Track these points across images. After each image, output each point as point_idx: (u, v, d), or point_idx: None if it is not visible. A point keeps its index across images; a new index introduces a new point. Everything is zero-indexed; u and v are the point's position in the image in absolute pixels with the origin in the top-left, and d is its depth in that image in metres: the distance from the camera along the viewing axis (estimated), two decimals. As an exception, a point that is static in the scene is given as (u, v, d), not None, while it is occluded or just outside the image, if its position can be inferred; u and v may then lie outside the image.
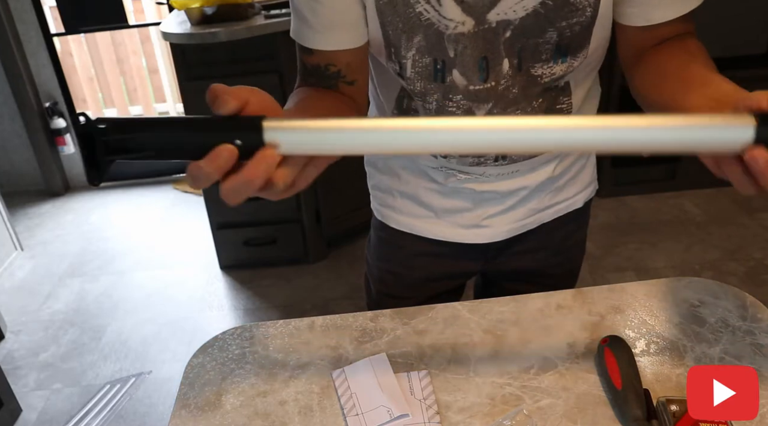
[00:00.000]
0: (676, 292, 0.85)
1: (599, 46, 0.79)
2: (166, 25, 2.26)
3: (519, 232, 0.97)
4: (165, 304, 2.49)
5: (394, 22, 0.75)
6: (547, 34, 0.74)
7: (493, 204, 0.93)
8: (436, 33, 0.74)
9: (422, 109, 0.83)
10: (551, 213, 0.97)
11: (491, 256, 1.01)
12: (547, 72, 0.77)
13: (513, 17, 0.72)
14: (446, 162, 0.89)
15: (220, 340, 0.83)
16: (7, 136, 3.27)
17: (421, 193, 0.96)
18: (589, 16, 0.73)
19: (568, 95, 0.83)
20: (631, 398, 0.66)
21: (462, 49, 0.74)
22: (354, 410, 0.70)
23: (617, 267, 2.49)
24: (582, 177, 0.98)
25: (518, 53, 0.75)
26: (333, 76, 0.79)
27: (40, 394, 2.08)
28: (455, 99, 0.79)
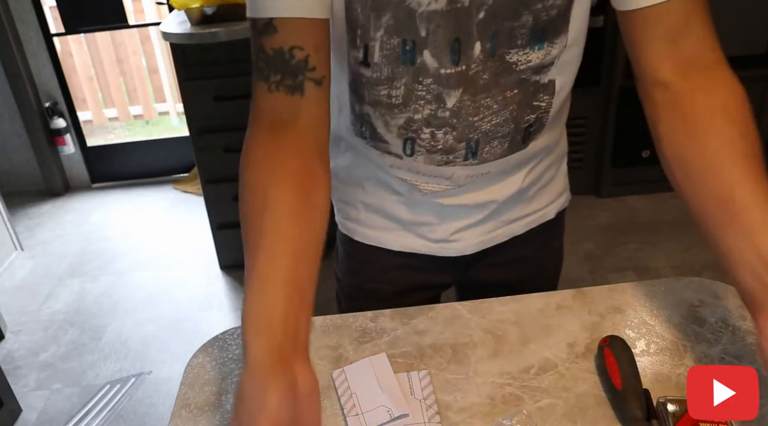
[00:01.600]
0: (676, 292, 0.85)
1: (577, 37, 0.76)
2: (166, 25, 2.26)
3: (490, 244, 0.93)
4: (165, 304, 2.49)
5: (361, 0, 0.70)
6: (523, 17, 0.70)
7: (460, 218, 0.90)
8: (407, 11, 0.69)
9: (386, 98, 0.77)
10: (522, 225, 0.94)
11: (463, 268, 0.97)
12: (523, 59, 0.73)
13: None
14: (413, 161, 0.83)
15: (220, 340, 0.83)
16: (7, 136, 3.27)
17: (387, 206, 0.91)
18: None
19: (551, 94, 0.79)
20: (631, 398, 0.66)
21: (434, 29, 0.70)
22: (354, 410, 0.70)
23: (617, 267, 2.49)
24: (552, 187, 0.95)
25: (492, 37, 0.71)
26: (299, 68, 0.70)
27: (40, 394, 2.08)
28: (425, 82, 0.75)
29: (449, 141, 0.79)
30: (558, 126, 0.89)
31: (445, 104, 0.76)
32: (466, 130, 0.78)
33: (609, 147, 2.81)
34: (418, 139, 0.80)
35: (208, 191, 2.48)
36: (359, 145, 0.88)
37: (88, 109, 3.86)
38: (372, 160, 0.88)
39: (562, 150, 0.95)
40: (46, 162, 3.32)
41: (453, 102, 0.76)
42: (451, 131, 0.78)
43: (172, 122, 4.14)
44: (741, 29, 2.55)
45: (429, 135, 0.79)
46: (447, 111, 0.77)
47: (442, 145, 0.80)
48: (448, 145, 0.80)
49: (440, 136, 0.79)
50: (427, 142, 0.80)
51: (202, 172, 2.44)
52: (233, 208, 2.91)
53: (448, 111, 0.77)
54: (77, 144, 3.38)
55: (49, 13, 3.17)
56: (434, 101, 0.76)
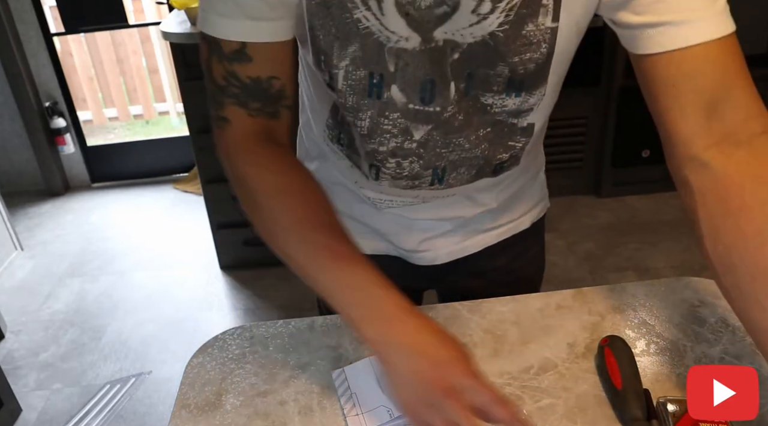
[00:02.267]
0: (676, 292, 0.85)
1: (556, 85, 0.72)
2: (166, 25, 2.26)
3: (461, 255, 0.91)
4: (165, 304, 2.49)
5: (326, 26, 0.65)
6: (498, 68, 0.66)
7: (427, 230, 0.88)
8: (376, 43, 0.65)
9: (354, 125, 0.74)
10: (494, 236, 0.91)
11: (439, 276, 0.94)
12: (498, 103, 0.70)
13: (461, 40, 0.64)
14: (377, 185, 0.81)
15: (220, 340, 0.83)
16: (7, 136, 3.27)
17: (356, 212, 0.89)
18: (545, 52, 0.65)
19: (528, 135, 0.75)
20: (631, 398, 0.66)
21: (403, 66, 0.66)
22: (354, 410, 0.70)
23: (617, 267, 2.49)
24: (527, 199, 0.91)
25: (466, 78, 0.67)
26: (278, 97, 0.69)
27: (40, 394, 2.08)
28: (392, 117, 0.71)
29: (415, 169, 0.77)
30: (535, 151, 0.86)
31: (413, 137, 0.73)
32: (433, 159, 0.76)
33: (609, 147, 2.81)
34: (383, 168, 0.78)
35: (208, 191, 2.48)
36: (329, 154, 0.85)
37: (88, 109, 3.86)
38: (340, 172, 0.86)
39: (538, 165, 0.93)
40: (46, 162, 3.32)
41: (421, 135, 0.73)
42: (417, 160, 0.76)
43: (172, 122, 4.14)
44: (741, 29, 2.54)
45: (394, 164, 0.77)
46: (414, 142, 0.74)
47: (408, 173, 0.77)
48: (414, 173, 0.77)
49: (406, 165, 0.76)
50: (392, 170, 0.77)
51: (202, 172, 2.44)
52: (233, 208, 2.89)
53: (415, 142, 0.74)
54: (77, 144, 3.38)
55: (49, 13, 3.16)
56: (401, 135, 0.73)
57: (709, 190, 0.60)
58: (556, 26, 0.63)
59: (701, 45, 0.58)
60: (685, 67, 0.58)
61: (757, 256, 0.56)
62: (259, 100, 0.69)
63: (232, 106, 0.69)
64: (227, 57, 0.66)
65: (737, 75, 0.59)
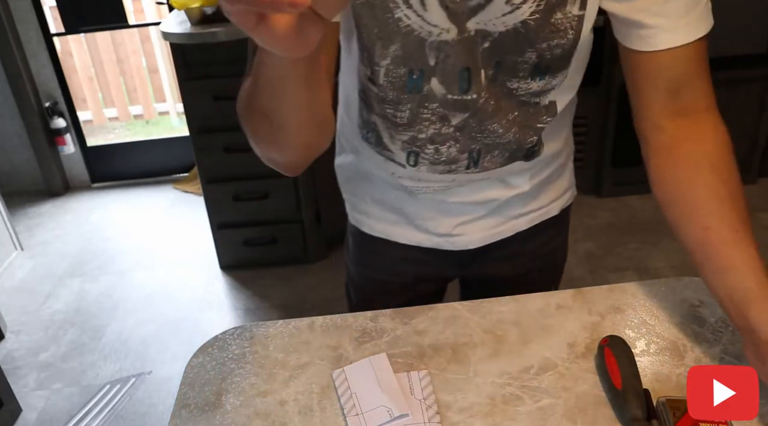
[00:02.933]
0: (676, 292, 0.85)
1: (580, 66, 0.78)
2: (166, 25, 2.26)
3: (493, 239, 0.94)
4: (165, 304, 2.49)
5: (369, 25, 0.69)
6: (526, 55, 0.72)
7: (463, 213, 0.91)
8: (417, 40, 0.69)
9: (391, 116, 0.79)
10: (526, 221, 0.95)
11: (467, 262, 0.98)
12: (523, 87, 0.75)
13: (492, 30, 0.69)
14: (414, 172, 0.85)
15: (220, 340, 0.83)
16: (7, 136, 3.27)
17: (391, 200, 0.92)
18: (571, 39, 0.71)
19: (553, 115, 0.80)
20: (631, 398, 0.66)
21: (444, 58, 0.71)
22: (354, 410, 0.70)
23: (617, 267, 2.49)
24: (557, 185, 0.95)
25: (495, 65, 0.73)
26: None
27: (40, 394, 2.08)
28: (431, 107, 0.76)
29: (452, 153, 0.81)
30: (562, 133, 0.90)
31: (450, 122, 0.78)
32: (469, 142, 0.80)
33: (609, 147, 2.81)
34: (421, 153, 0.82)
35: (208, 191, 2.48)
36: (363, 149, 0.89)
37: (88, 109, 3.86)
38: (375, 164, 0.89)
39: (568, 151, 0.96)
40: (46, 162, 3.32)
41: (458, 121, 0.77)
42: (454, 144, 0.80)
43: (172, 122, 4.14)
44: (741, 29, 2.55)
45: (433, 150, 0.81)
46: (451, 127, 0.78)
47: (446, 157, 0.81)
48: (452, 157, 0.81)
49: (443, 150, 0.81)
50: (430, 155, 0.81)
51: (202, 172, 2.44)
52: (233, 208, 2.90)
53: (452, 127, 0.78)
54: (77, 144, 3.38)
55: (49, 13, 3.17)
56: (439, 121, 0.78)
57: (660, 146, 0.75)
58: (582, 14, 0.69)
59: (679, 47, 0.69)
60: (662, 62, 0.71)
61: (687, 195, 0.72)
62: None
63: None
64: None
65: (699, 67, 0.72)
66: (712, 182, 0.71)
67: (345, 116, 0.90)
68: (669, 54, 0.70)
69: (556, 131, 0.86)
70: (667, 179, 0.75)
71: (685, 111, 0.73)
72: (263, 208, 2.49)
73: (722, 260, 0.68)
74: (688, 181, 0.72)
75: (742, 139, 2.81)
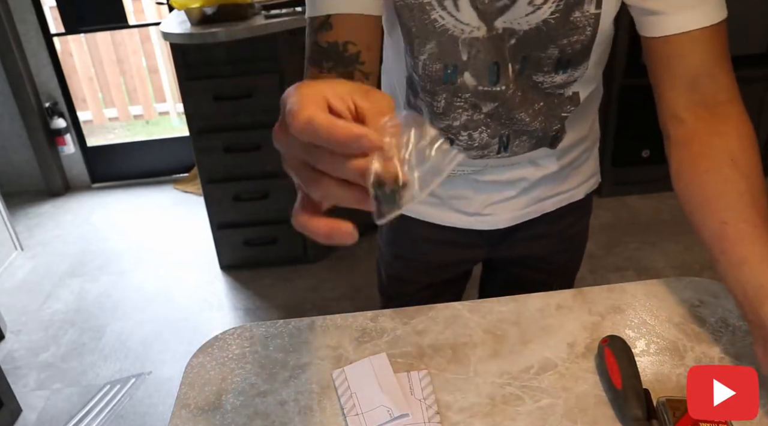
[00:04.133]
0: (676, 292, 0.85)
1: (600, 59, 0.81)
2: (166, 25, 2.26)
3: (522, 220, 0.98)
4: (165, 304, 2.49)
5: (408, 24, 0.76)
6: (549, 50, 0.76)
7: (494, 193, 0.94)
8: (451, 38, 0.75)
9: (429, 105, 0.84)
10: (553, 203, 0.98)
11: (496, 241, 1.02)
12: (548, 80, 0.80)
13: (517, 28, 0.74)
14: None
15: (220, 340, 0.83)
16: (7, 136, 3.27)
17: None
18: (589, 34, 0.75)
19: (576, 104, 0.84)
20: (631, 398, 0.66)
21: (475, 53, 0.76)
22: (354, 410, 0.70)
23: (617, 267, 2.49)
24: (584, 169, 0.99)
25: (521, 60, 0.77)
26: (351, 60, 0.74)
27: (40, 394, 2.08)
28: (464, 97, 0.81)
29: (484, 138, 0.85)
30: (587, 121, 0.94)
31: (481, 110, 0.82)
32: (499, 128, 0.84)
33: (609, 147, 2.81)
34: (456, 141, 0.86)
35: (208, 191, 2.48)
36: None
37: (88, 109, 3.86)
38: None
39: (594, 136, 1.00)
40: (46, 162, 3.32)
41: (488, 109, 0.82)
42: (485, 130, 0.84)
43: (172, 122, 4.14)
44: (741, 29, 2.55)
45: (466, 136, 0.85)
46: (482, 114, 0.83)
47: (478, 143, 0.86)
48: (483, 142, 0.86)
49: (476, 136, 0.85)
50: (464, 142, 0.86)
51: (202, 172, 2.44)
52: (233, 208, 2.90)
53: (483, 114, 0.83)
54: (77, 144, 3.38)
55: (49, 13, 3.17)
56: (471, 109, 0.82)
57: (681, 139, 0.75)
58: (599, 12, 0.73)
59: (690, 32, 0.71)
60: (677, 49, 0.72)
61: (705, 188, 0.72)
62: (332, 60, 0.73)
63: (310, 68, 0.74)
64: (315, 29, 0.73)
65: (718, 56, 0.72)
66: (731, 176, 0.70)
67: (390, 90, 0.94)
68: (681, 40, 0.71)
69: (581, 119, 0.91)
70: (687, 172, 0.74)
71: (706, 103, 0.73)
72: (263, 208, 2.49)
73: (738, 255, 0.68)
74: (708, 174, 0.72)
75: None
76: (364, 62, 0.74)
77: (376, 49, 0.75)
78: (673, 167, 0.77)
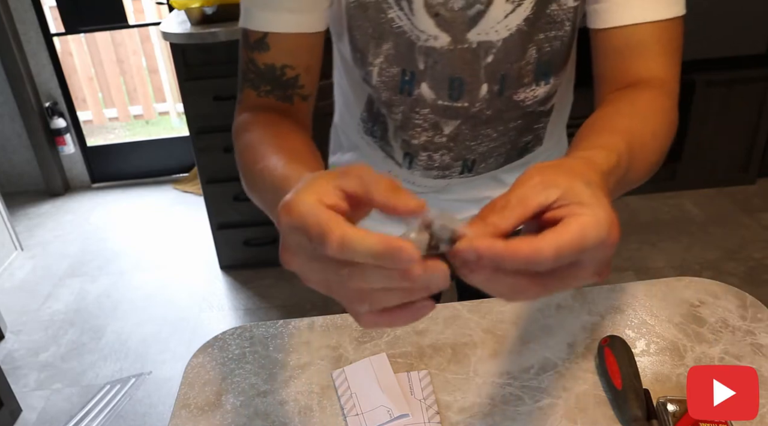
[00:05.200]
0: (676, 292, 0.85)
1: (573, 59, 0.78)
2: (166, 25, 2.26)
3: None
4: (165, 304, 2.49)
5: (363, 26, 0.70)
6: (528, 53, 0.70)
7: (457, 212, 0.90)
8: (407, 42, 0.69)
9: (388, 118, 0.79)
10: None
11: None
12: (530, 96, 0.75)
13: (495, 38, 0.68)
14: (409, 174, 0.85)
15: (220, 340, 0.83)
16: (7, 136, 3.27)
17: None
18: (568, 30, 0.70)
19: (548, 115, 0.81)
20: (631, 398, 0.66)
21: (432, 64, 0.70)
22: (354, 410, 0.70)
23: (617, 267, 2.49)
24: None
25: (500, 80, 0.71)
26: (290, 84, 0.70)
27: (40, 394, 2.08)
28: (422, 112, 0.75)
29: (446, 160, 0.81)
30: (556, 132, 0.90)
31: (443, 131, 0.77)
32: (463, 151, 0.80)
33: (609, 147, 2.81)
34: (416, 159, 0.82)
35: (208, 191, 2.48)
36: (363, 146, 0.89)
37: (88, 109, 3.86)
38: (373, 163, 0.89)
39: (562, 146, 0.96)
40: (46, 162, 3.32)
41: (450, 129, 0.77)
42: (448, 153, 0.80)
43: (172, 122, 4.14)
44: (741, 29, 2.55)
45: (426, 157, 0.81)
46: (444, 137, 0.78)
47: (439, 164, 0.81)
48: (445, 164, 0.81)
49: (437, 157, 0.81)
50: (424, 162, 0.81)
51: (202, 172, 2.44)
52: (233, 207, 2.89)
53: (445, 137, 0.78)
54: (77, 144, 3.38)
55: (49, 13, 3.17)
56: (431, 129, 0.77)
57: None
58: (577, 5, 0.68)
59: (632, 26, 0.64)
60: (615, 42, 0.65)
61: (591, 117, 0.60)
62: (270, 84, 0.70)
63: (247, 88, 0.72)
64: (250, 46, 0.70)
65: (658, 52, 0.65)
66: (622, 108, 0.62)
67: (345, 113, 0.90)
68: (624, 34, 0.64)
69: (551, 130, 0.85)
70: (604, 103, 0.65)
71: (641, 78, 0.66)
72: (263, 208, 2.49)
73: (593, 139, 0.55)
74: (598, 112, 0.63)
75: (742, 139, 2.82)
76: (303, 86, 0.70)
77: (315, 69, 0.71)
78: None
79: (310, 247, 0.38)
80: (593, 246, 0.38)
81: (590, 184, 0.42)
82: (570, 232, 0.38)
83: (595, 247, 0.38)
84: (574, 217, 0.39)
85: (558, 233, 0.38)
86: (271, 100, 0.71)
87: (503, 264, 0.37)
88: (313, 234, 0.37)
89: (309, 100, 0.72)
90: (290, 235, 0.40)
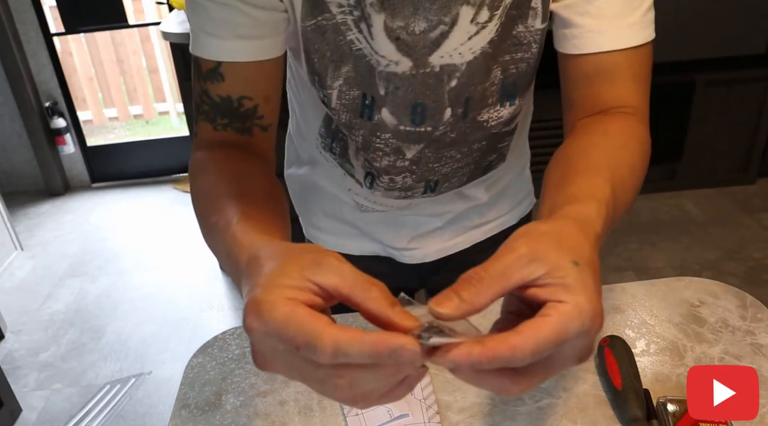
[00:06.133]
0: (676, 292, 0.85)
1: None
2: (166, 25, 2.26)
3: (450, 252, 0.92)
4: (165, 304, 2.49)
5: (321, 50, 0.65)
6: (492, 73, 0.67)
7: (417, 226, 0.89)
8: (367, 66, 0.65)
9: (349, 138, 0.76)
10: (483, 232, 0.92)
11: (427, 274, 0.95)
12: (494, 116, 0.72)
13: (459, 61, 0.65)
14: (370, 193, 0.82)
15: (220, 340, 0.83)
16: (7, 136, 3.27)
17: (344, 213, 0.89)
18: (535, 53, 0.68)
19: (512, 133, 0.79)
20: (631, 398, 0.66)
21: (393, 89, 0.67)
22: (354, 410, 0.70)
23: (617, 267, 2.49)
24: (513, 194, 0.93)
25: (464, 103, 0.69)
26: (248, 115, 0.66)
27: (40, 394, 2.08)
28: (383, 136, 0.72)
29: (408, 183, 0.78)
30: (519, 145, 0.88)
31: (405, 156, 0.74)
32: (426, 174, 0.77)
33: (609, 147, 2.81)
34: (377, 180, 0.79)
35: (208, 191, 2.48)
36: (322, 161, 0.85)
37: (88, 109, 3.86)
38: (331, 179, 0.86)
39: (524, 161, 0.94)
40: (46, 162, 3.32)
41: (413, 154, 0.74)
42: (410, 175, 0.77)
43: (172, 122, 4.14)
44: (741, 29, 2.55)
45: (388, 179, 0.78)
46: (407, 161, 0.75)
47: (401, 186, 0.79)
48: (407, 186, 0.79)
49: (399, 180, 0.78)
50: (385, 184, 0.79)
51: (202, 172, 2.44)
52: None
53: (407, 161, 0.75)
54: (77, 144, 3.38)
55: (49, 13, 3.17)
56: (393, 153, 0.74)
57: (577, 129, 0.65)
58: (544, 26, 0.66)
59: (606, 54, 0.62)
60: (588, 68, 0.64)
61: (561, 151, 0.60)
62: (227, 117, 0.66)
63: (202, 121, 0.67)
64: (203, 76, 0.64)
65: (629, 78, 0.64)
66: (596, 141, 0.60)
67: (303, 124, 0.86)
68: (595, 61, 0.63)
69: (515, 144, 0.84)
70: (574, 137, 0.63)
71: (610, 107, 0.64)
72: (263, 208, 2.49)
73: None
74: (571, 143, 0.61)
75: (742, 139, 2.81)
76: (263, 116, 0.66)
77: (275, 97, 0.67)
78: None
79: (290, 351, 0.36)
80: (574, 338, 0.37)
81: (578, 263, 0.40)
82: (549, 326, 0.37)
83: (575, 339, 0.38)
84: (554, 307, 0.38)
85: (536, 328, 0.36)
86: (230, 134, 0.66)
87: (482, 367, 0.36)
88: (298, 343, 0.35)
89: (270, 130, 0.68)
90: (264, 341, 0.37)
